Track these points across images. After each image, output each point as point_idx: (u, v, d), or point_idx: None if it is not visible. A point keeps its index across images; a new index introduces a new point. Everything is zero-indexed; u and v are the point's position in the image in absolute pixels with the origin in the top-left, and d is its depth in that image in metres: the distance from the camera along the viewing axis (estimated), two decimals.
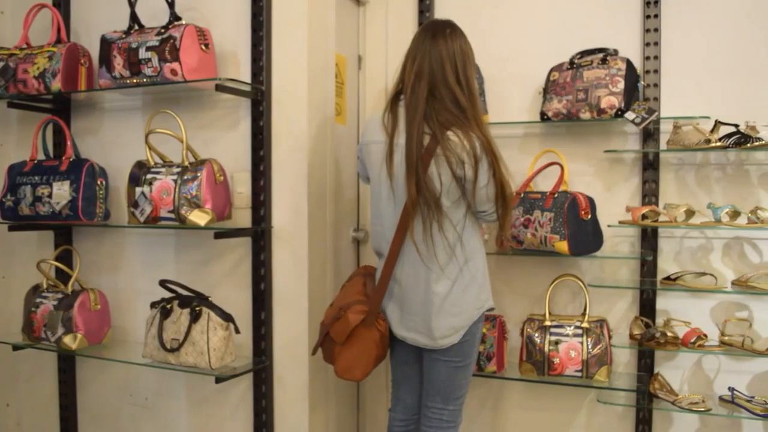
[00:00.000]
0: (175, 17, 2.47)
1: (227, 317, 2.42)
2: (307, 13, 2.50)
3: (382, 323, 2.24)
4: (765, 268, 2.58)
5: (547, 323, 2.63)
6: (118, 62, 2.48)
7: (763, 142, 2.39)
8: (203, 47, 2.46)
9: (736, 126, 2.45)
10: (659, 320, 2.67)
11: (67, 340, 2.60)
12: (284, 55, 2.53)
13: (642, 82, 2.65)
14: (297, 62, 2.52)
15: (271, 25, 2.54)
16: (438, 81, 2.10)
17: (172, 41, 2.40)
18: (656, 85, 2.67)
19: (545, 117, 2.66)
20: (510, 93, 2.88)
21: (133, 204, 2.45)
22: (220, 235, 2.40)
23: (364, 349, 2.23)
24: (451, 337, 2.14)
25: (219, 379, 2.38)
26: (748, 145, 2.40)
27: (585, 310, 2.64)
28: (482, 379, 2.93)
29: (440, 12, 2.98)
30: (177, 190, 2.39)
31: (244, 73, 2.56)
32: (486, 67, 2.82)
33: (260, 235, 2.53)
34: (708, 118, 2.52)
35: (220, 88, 2.40)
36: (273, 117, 2.54)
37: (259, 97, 2.52)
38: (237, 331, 2.45)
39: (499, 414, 2.98)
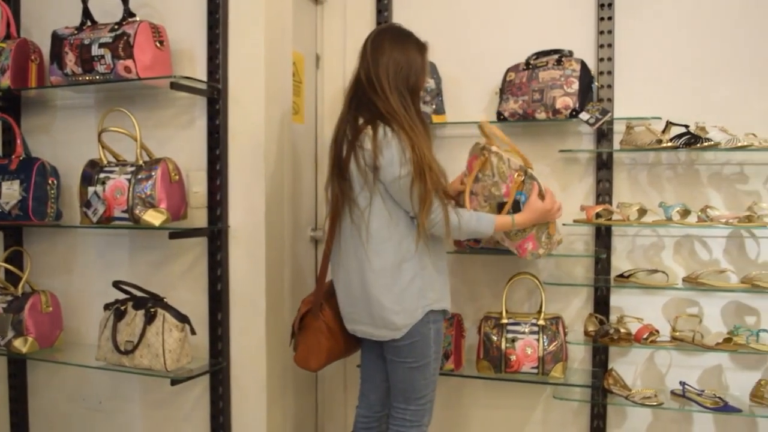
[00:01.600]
0: (129, 13, 2.43)
1: (183, 318, 2.39)
2: (264, 11, 2.49)
3: (326, 314, 2.28)
4: (714, 265, 2.65)
5: (504, 321, 2.65)
6: (70, 59, 2.44)
7: (712, 142, 2.45)
8: (158, 44, 2.43)
9: (687, 127, 2.50)
10: (613, 317, 2.72)
11: (18, 343, 2.54)
12: (241, 53, 2.51)
13: (596, 83, 2.70)
14: (254, 60, 2.50)
15: (228, 23, 2.51)
16: (370, 88, 2.12)
17: (125, 38, 2.36)
18: (610, 86, 2.72)
19: (502, 117, 2.68)
20: (467, 93, 2.90)
21: (86, 204, 2.41)
22: (176, 235, 2.37)
23: (313, 339, 2.31)
24: (394, 332, 2.13)
25: (174, 381, 2.35)
26: (698, 145, 2.46)
27: (541, 307, 2.67)
28: (440, 378, 2.92)
29: (398, 11, 2.99)
30: (131, 189, 2.35)
31: (200, 71, 2.53)
32: (443, 67, 2.84)
33: (216, 235, 2.51)
34: (659, 118, 2.57)
35: (175, 86, 2.37)
36: (229, 115, 2.52)
37: (215, 96, 2.49)
38: (193, 332, 2.42)
39: (457, 412, 3.00)
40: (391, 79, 2.10)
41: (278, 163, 2.62)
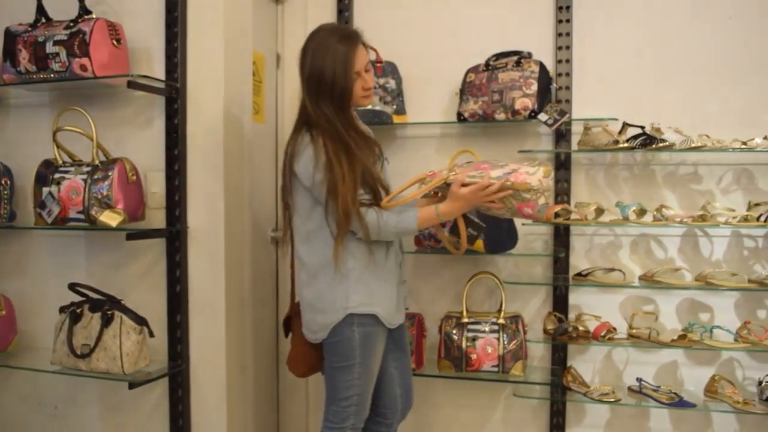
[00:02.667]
0: (85, 11, 2.40)
1: (141, 321, 2.36)
2: (223, 10, 2.47)
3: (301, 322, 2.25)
4: (669, 263, 2.70)
5: (465, 320, 2.67)
6: (24, 56, 2.39)
7: (667, 143, 2.50)
8: (115, 42, 2.39)
9: (643, 128, 2.55)
10: (571, 315, 2.76)
11: None
12: (200, 52, 2.49)
13: (554, 85, 2.73)
14: (213, 59, 2.48)
15: (186, 21, 2.48)
16: (302, 91, 2.12)
17: (81, 35, 2.32)
18: (568, 88, 2.75)
19: (462, 117, 2.70)
20: (428, 93, 2.91)
21: (40, 204, 2.36)
22: (133, 236, 2.33)
23: (296, 344, 2.30)
24: (319, 333, 2.13)
25: (132, 385, 2.32)
26: (653, 146, 2.51)
27: (501, 306, 2.70)
28: None
29: (359, 11, 2.99)
30: (87, 190, 2.31)
31: (158, 70, 2.50)
32: (404, 67, 2.85)
33: (175, 236, 2.48)
34: (616, 120, 2.61)
35: (132, 84, 2.33)
36: (188, 115, 2.49)
37: (173, 95, 2.46)
38: (151, 334, 2.39)
39: (418, 411, 3.00)
40: (313, 88, 2.06)
41: (238, 163, 2.60)
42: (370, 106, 2.74)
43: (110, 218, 2.28)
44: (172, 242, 2.49)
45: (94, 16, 2.38)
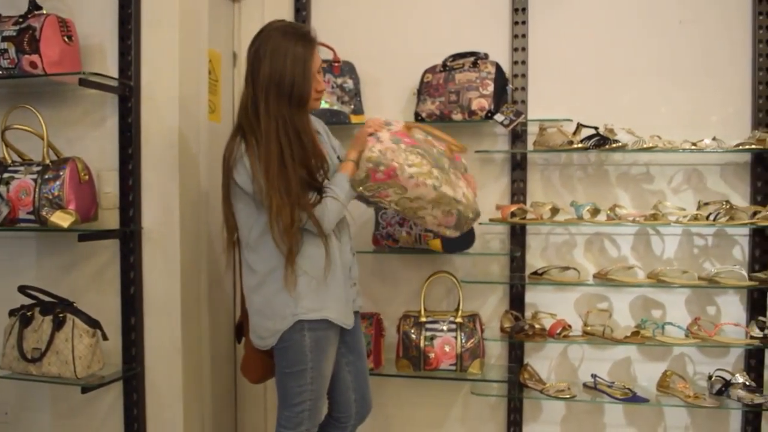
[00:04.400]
0: (35, 6, 2.35)
1: (94, 323, 2.31)
2: (178, 7, 2.44)
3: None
4: (623, 261, 2.76)
5: (423, 319, 2.68)
6: None
7: (620, 144, 2.55)
8: (66, 39, 2.34)
9: (596, 129, 2.59)
10: (528, 313, 2.79)
11: None
12: (154, 50, 2.46)
13: (510, 86, 2.77)
14: (168, 57, 2.45)
15: (140, 18, 2.45)
16: (243, 94, 2.08)
17: (31, 32, 2.27)
18: (524, 89, 2.79)
19: (419, 117, 2.71)
20: (385, 93, 2.92)
21: None
22: (85, 237, 2.29)
23: (248, 350, 2.25)
24: (268, 339, 2.07)
25: (86, 389, 2.27)
26: (607, 146, 2.55)
27: (458, 305, 2.72)
28: None
29: (316, 10, 2.98)
30: (37, 190, 2.26)
31: (111, 68, 2.46)
32: (362, 67, 2.85)
33: (129, 236, 2.44)
34: (571, 120, 2.66)
35: (84, 82, 2.29)
36: (142, 114, 2.46)
37: (127, 93, 2.42)
38: (105, 337, 2.35)
39: (377, 411, 2.99)
40: (271, 91, 1.98)
41: (194, 163, 2.57)
42: (327, 106, 2.74)
43: (62, 219, 2.23)
44: (126, 243, 2.44)
45: (44, 11, 2.33)
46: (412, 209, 2.08)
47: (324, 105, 2.73)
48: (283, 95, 1.98)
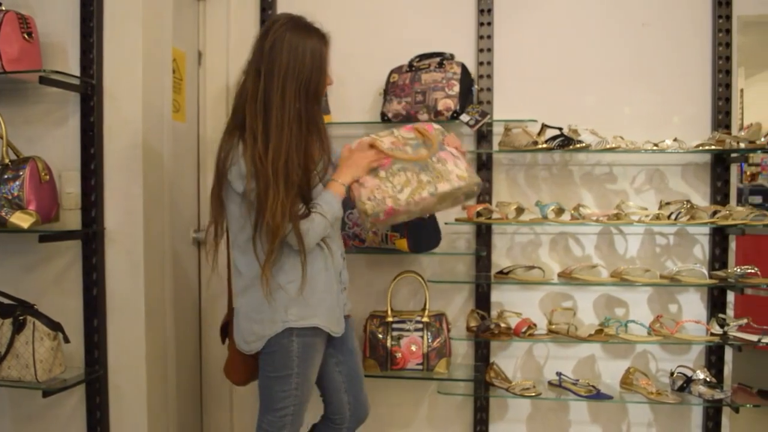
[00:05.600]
0: None
1: (55, 326, 2.27)
2: (141, 4, 2.42)
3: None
4: (587, 260, 2.79)
5: (389, 319, 2.69)
6: None
7: (584, 144, 2.58)
8: (26, 36, 2.30)
9: (561, 129, 2.62)
10: (493, 312, 2.81)
11: None
12: (117, 48, 2.42)
13: (476, 86, 2.78)
14: (131, 55, 2.42)
15: (103, 15, 2.42)
16: (242, 89, 2.01)
17: None
18: (489, 89, 2.81)
19: (385, 118, 2.71)
20: (352, 93, 2.91)
21: None
22: (46, 238, 2.24)
23: (232, 352, 2.20)
24: (254, 343, 2.04)
25: (47, 393, 2.23)
26: (571, 147, 2.58)
27: (425, 305, 2.72)
28: None
29: (282, 10, 2.95)
30: None
31: (73, 66, 2.42)
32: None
33: (91, 237, 2.40)
34: (535, 121, 2.68)
35: (44, 80, 2.25)
36: (105, 113, 2.42)
37: (89, 92, 2.39)
38: (66, 340, 2.31)
39: None
40: (287, 82, 1.93)
41: (157, 163, 2.54)
42: None
43: (21, 219, 2.18)
44: (88, 244, 2.41)
45: (3, 8, 2.28)
46: (425, 211, 2.15)
47: None
48: (300, 88, 1.95)
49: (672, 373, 2.68)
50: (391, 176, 2.06)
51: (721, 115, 2.71)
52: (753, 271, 2.56)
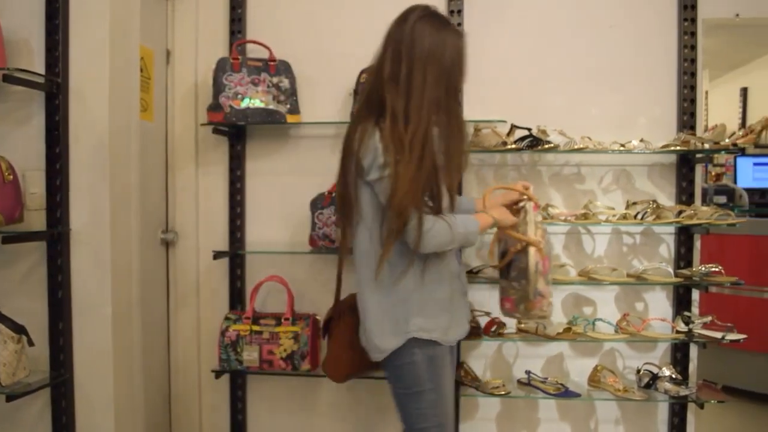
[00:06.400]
0: None
1: (19, 329, 2.23)
2: (109, 1, 2.38)
3: (345, 323, 2.16)
4: (555, 260, 2.82)
5: None
6: None
7: (552, 145, 2.61)
8: None
9: (529, 130, 2.64)
10: None
11: None
12: (83, 46, 2.38)
13: None
14: (98, 53, 2.38)
15: (69, 12, 2.37)
16: (377, 72, 1.97)
17: None
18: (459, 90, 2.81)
19: None
20: (322, 93, 2.90)
21: None
22: (10, 239, 2.19)
23: (335, 348, 2.23)
24: (375, 354, 2.01)
25: (11, 397, 2.18)
26: (539, 147, 2.60)
27: None
28: (297, 379, 2.94)
29: (252, 8, 2.94)
30: None
31: (38, 64, 2.37)
32: (298, 66, 2.83)
33: (57, 238, 2.36)
34: (505, 122, 2.70)
35: (8, 78, 2.20)
36: (71, 112, 2.38)
37: (54, 90, 2.34)
38: (31, 343, 2.27)
39: (314, 413, 3.00)
40: (433, 69, 1.91)
41: (125, 163, 2.51)
42: (263, 105, 2.71)
43: None
44: (53, 245, 2.36)
45: None
46: None
47: (259, 104, 2.71)
48: (441, 76, 1.92)
49: (638, 371, 2.72)
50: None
51: (687, 117, 2.76)
52: (717, 269, 2.61)
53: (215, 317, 2.93)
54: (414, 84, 1.89)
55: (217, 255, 2.77)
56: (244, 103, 2.71)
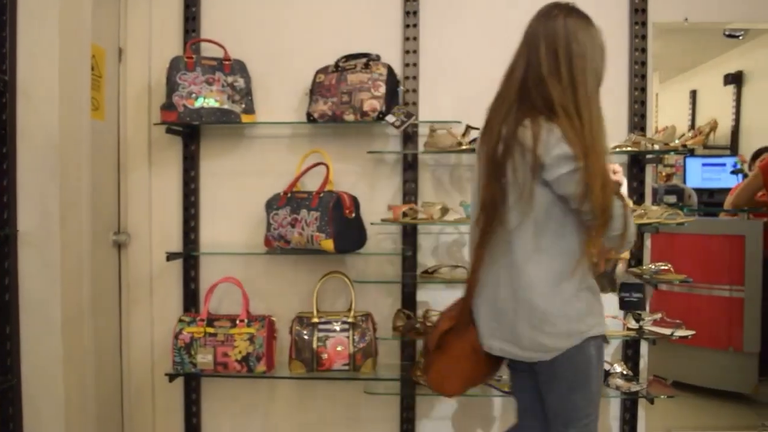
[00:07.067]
0: None
1: None
2: None
3: (473, 333, 2.05)
4: None
5: (315, 320, 2.68)
6: None
7: None
8: None
9: None
10: (420, 311, 2.83)
11: None
12: (32, 43, 2.33)
13: (402, 87, 2.80)
14: (47, 51, 2.33)
15: (17, 8, 2.31)
16: (530, 69, 1.94)
17: None
18: (415, 91, 2.83)
19: (311, 118, 2.70)
20: (277, 93, 2.89)
21: None
22: None
23: (452, 360, 2.07)
24: (539, 354, 1.91)
25: None
26: None
27: (351, 305, 2.73)
28: (252, 381, 2.92)
29: (206, 7, 2.91)
30: None
31: None
32: (254, 66, 2.81)
33: (3, 240, 2.29)
34: (460, 123, 2.72)
35: None
36: (18, 111, 2.32)
37: (1, 89, 2.28)
38: None
39: (270, 414, 2.98)
40: (593, 73, 1.90)
41: (75, 163, 2.46)
42: (217, 105, 2.69)
43: None
44: (0, 247, 2.31)
45: None
46: None
47: (214, 104, 2.69)
48: (594, 74, 1.92)
49: None
50: None
51: (638, 118, 2.82)
52: (666, 267, 2.67)
53: (169, 320, 2.89)
54: (577, 79, 1.88)
55: (171, 256, 2.74)
56: (198, 103, 2.68)
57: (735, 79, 5.56)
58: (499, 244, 1.94)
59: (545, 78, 1.89)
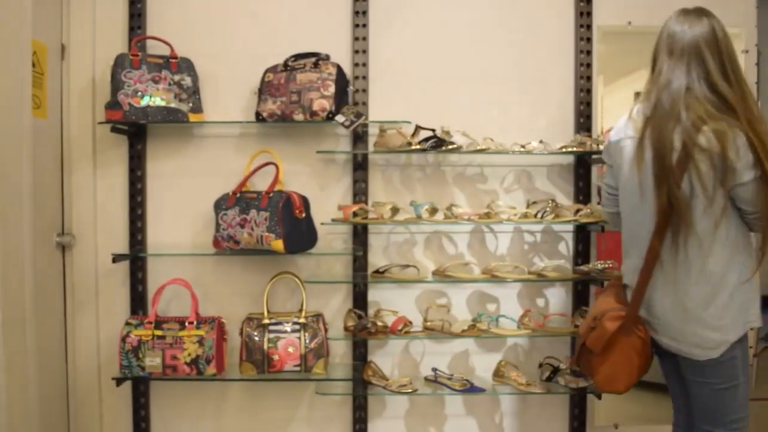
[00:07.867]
0: None
1: None
2: None
3: (642, 329, 2.07)
4: (459, 258, 2.87)
5: (266, 321, 2.65)
6: None
7: (455, 145, 2.65)
8: None
9: (434, 131, 2.68)
10: (371, 311, 2.84)
11: None
12: None
13: (351, 87, 2.80)
14: None
15: None
16: (696, 71, 1.97)
17: None
18: (365, 91, 2.83)
19: (260, 117, 2.68)
20: (226, 92, 2.85)
21: None
22: None
23: (624, 358, 2.10)
24: (708, 351, 1.97)
25: None
26: (443, 148, 2.65)
27: (302, 306, 2.71)
28: (202, 384, 2.88)
29: (152, 4, 2.86)
30: None
31: None
32: (201, 64, 2.77)
33: None
34: (409, 123, 2.73)
35: None
36: None
37: None
38: None
39: (221, 417, 2.94)
40: (725, 60, 1.96)
41: (16, 162, 2.39)
42: (164, 104, 2.64)
43: None
44: None
45: None
46: None
47: (160, 102, 2.64)
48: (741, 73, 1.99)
49: (540, 365, 2.80)
50: None
51: (583, 119, 2.87)
52: (611, 265, 2.72)
53: (116, 322, 2.83)
54: (741, 80, 1.96)
55: (117, 258, 2.68)
56: (144, 101, 2.63)
57: None
58: (673, 245, 1.97)
59: (717, 81, 1.95)
